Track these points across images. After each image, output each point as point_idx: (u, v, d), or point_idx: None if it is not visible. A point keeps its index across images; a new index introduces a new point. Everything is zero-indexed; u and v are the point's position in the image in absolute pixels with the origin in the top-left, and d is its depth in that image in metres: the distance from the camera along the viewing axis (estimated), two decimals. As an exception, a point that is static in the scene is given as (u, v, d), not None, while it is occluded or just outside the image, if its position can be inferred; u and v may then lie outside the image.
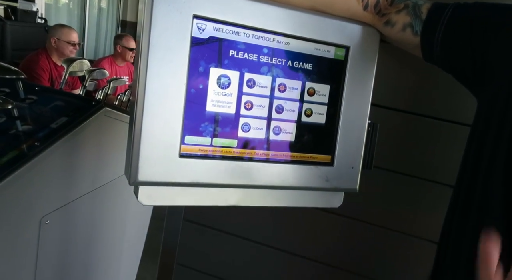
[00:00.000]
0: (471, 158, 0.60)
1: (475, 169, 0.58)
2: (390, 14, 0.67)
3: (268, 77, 0.66)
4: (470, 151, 0.60)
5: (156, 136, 0.59)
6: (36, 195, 0.97)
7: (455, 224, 0.62)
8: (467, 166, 0.60)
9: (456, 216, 0.62)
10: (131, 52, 2.95)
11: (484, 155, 0.57)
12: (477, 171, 0.58)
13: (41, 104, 1.09)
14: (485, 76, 0.58)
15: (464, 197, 0.60)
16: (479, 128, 0.59)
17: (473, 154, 0.59)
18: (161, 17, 0.57)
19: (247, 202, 0.70)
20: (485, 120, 0.58)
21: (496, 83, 0.56)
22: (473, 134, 0.61)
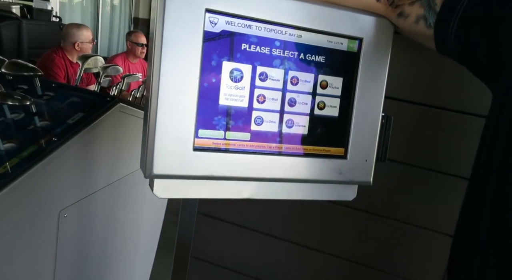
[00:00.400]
0: (486, 150, 0.59)
1: (489, 161, 0.58)
2: (404, 5, 0.66)
3: (280, 70, 0.66)
4: (485, 143, 0.59)
5: (170, 130, 0.59)
6: (54, 189, 0.99)
7: (470, 217, 0.61)
8: (482, 158, 0.60)
9: (471, 209, 0.61)
10: (141, 48, 3.00)
11: (498, 147, 0.56)
12: (491, 163, 0.57)
13: (58, 100, 1.12)
14: (499, 68, 0.57)
15: (478, 190, 0.60)
16: (493, 120, 0.58)
17: (488, 146, 0.58)
18: (173, 12, 0.57)
19: (260, 195, 0.71)
20: (499, 112, 0.57)
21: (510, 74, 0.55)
22: (487, 125, 0.60)
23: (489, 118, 0.61)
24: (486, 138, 0.60)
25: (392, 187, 0.90)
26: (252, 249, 1.03)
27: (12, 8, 3.62)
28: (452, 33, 0.61)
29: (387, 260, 0.94)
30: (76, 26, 2.69)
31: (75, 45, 2.59)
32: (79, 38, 2.60)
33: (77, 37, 2.60)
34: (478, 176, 0.61)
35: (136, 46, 3.01)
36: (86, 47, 2.65)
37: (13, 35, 3.40)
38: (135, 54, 3.05)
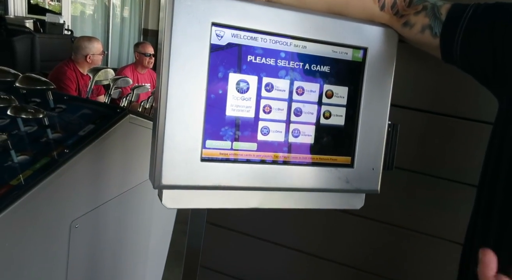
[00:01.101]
0: (493, 158, 0.59)
1: (496, 170, 0.57)
2: (409, 15, 0.67)
3: (286, 80, 0.67)
4: (492, 151, 0.59)
5: (178, 141, 0.61)
6: (66, 200, 1.01)
7: (479, 226, 0.61)
8: (489, 166, 0.59)
9: (479, 218, 0.61)
10: (148, 58, 3.07)
11: (505, 156, 0.56)
12: (498, 171, 0.57)
13: (70, 112, 1.14)
14: (505, 77, 0.57)
15: (487, 198, 0.59)
16: (499, 128, 0.58)
17: (495, 154, 0.58)
18: (181, 26, 0.59)
19: (268, 204, 0.71)
20: (505, 120, 0.57)
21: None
22: (494, 133, 0.60)
23: (495, 126, 0.61)
24: (493, 145, 0.60)
25: (399, 195, 0.89)
26: (260, 258, 1.03)
27: (25, 22, 3.72)
28: (458, 42, 0.61)
29: (396, 268, 0.93)
30: (87, 39, 2.76)
31: (86, 58, 2.66)
32: (90, 50, 2.67)
33: (89, 50, 2.67)
34: (486, 185, 0.61)
35: (144, 56, 3.08)
36: (97, 59, 2.72)
37: (27, 48, 3.49)
38: (143, 65, 3.11)
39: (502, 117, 0.59)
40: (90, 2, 5.60)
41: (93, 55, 2.66)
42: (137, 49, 3.14)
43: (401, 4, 0.67)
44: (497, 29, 0.57)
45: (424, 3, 0.66)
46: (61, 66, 2.67)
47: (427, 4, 0.65)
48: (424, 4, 0.66)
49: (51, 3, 5.42)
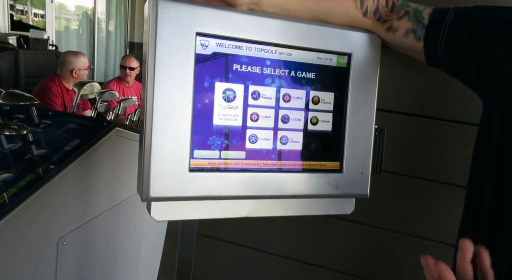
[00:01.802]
0: (480, 159, 0.59)
1: (483, 170, 0.58)
2: (392, 20, 0.68)
3: (272, 88, 0.68)
4: (478, 152, 0.60)
5: (165, 152, 0.60)
6: (52, 217, 0.99)
7: (469, 226, 0.61)
8: (476, 167, 0.60)
9: (470, 218, 0.61)
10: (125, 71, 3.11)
11: (490, 156, 0.56)
12: (485, 171, 0.57)
13: (55, 127, 1.13)
14: (488, 78, 0.58)
15: (476, 198, 0.60)
16: (484, 128, 0.59)
17: (481, 155, 0.59)
18: (165, 36, 0.59)
19: (258, 212, 0.71)
20: (489, 121, 0.58)
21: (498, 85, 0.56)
22: (480, 134, 0.60)
23: (480, 127, 0.62)
24: (479, 146, 0.61)
25: (389, 198, 0.90)
26: (253, 268, 1.02)
27: (9, 39, 3.68)
28: (442, 44, 0.62)
29: (389, 272, 0.93)
30: (73, 54, 2.75)
31: (72, 72, 2.64)
32: (76, 65, 2.66)
33: (75, 64, 2.66)
34: (474, 185, 0.61)
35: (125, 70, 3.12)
36: (83, 74, 2.71)
37: (10, 65, 3.45)
38: (127, 79, 3.14)
39: (486, 118, 0.60)
40: (75, 17, 5.58)
41: (79, 70, 2.65)
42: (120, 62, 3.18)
43: (383, 10, 0.68)
44: (478, 31, 0.58)
45: (406, 8, 0.67)
46: (46, 82, 2.64)
47: (409, 9, 0.67)
48: (406, 9, 0.67)
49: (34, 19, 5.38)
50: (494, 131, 0.56)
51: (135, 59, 3.19)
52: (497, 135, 0.55)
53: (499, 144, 0.55)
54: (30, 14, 5.28)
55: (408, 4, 0.68)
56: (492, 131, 0.57)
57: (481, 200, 0.59)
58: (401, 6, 0.68)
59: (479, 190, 0.60)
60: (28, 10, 5.24)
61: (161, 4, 0.58)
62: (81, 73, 2.68)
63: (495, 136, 0.56)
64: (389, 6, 0.68)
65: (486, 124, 0.60)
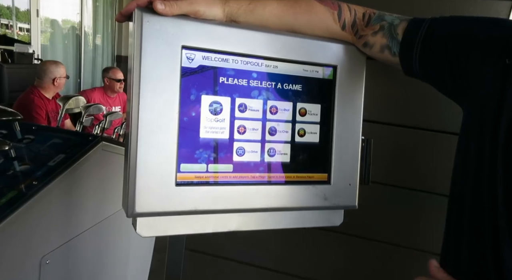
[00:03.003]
0: (460, 168, 0.60)
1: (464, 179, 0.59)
2: (367, 36, 0.69)
3: (259, 100, 0.68)
4: (459, 161, 0.61)
5: (151, 166, 0.59)
6: (35, 235, 0.96)
7: (451, 235, 0.61)
8: (457, 176, 0.61)
9: (451, 227, 0.61)
10: (119, 83, 3.12)
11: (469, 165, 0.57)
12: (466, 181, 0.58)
13: (39, 143, 1.10)
14: (464, 88, 0.59)
15: (457, 206, 0.60)
16: (464, 137, 0.60)
17: (461, 164, 0.60)
18: (150, 50, 0.58)
19: (247, 226, 0.70)
20: (467, 131, 0.59)
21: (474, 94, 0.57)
22: (460, 143, 0.61)
23: (460, 136, 0.62)
24: (460, 155, 0.61)
25: (377, 209, 0.90)
26: (244, 283, 1.00)
27: (-8, 53, 3.63)
28: (416, 59, 0.63)
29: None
30: (53, 63, 2.75)
31: (54, 81, 2.63)
32: (58, 73, 2.64)
33: (56, 73, 2.64)
34: (455, 193, 0.62)
35: (114, 82, 3.10)
36: (62, 83, 2.70)
37: (-6, 79, 3.39)
38: (113, 89, 3.14)
39: (465, 127, 0.60)
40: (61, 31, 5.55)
41: (59, 78, 2.64)
42: (107, 75, 3.16)
43: (360, 23, 0.69)
44: (450, 43, 0.59)
45: (381, 23, 0.68)
46: (26, 95, 2.59)
47: (384, 24, 0.67)
48: (381, 23, 0.68)
49: (20, 33, 5.33)
50: (471, 139, 0.57)
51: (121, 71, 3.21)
52: (475, 143, 0.56)
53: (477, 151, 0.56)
54: (15, 28, 5.23)
55: (384, 17, 0.68)
56: (470, 139, 0.58)
57: (461, 208, 0.59)
58: (376, 19, 0.68)
59: (459, 198, 0.60)
60: (13, 24, 5.20)
61: (146, 18, 0.58)
62: (61, 81, 2.67)
63: (473, 145, 0.57)
64: (365, 20, 0.69)
65: (465, 132, 0.60)
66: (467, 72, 0.57)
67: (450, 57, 0.59)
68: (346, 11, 0.69)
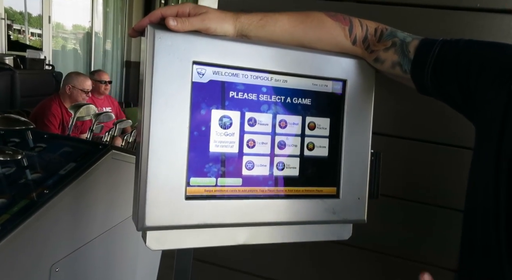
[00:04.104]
0: (474, 184, 0.60)
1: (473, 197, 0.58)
2: (379, 51, 0.69)
3: (268, 114, 0.68)
4: (473, 176, 0.60)
5: (161, 180, 0.60)
6: (45, 243, 0.97)
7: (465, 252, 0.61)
8: (470, 191, 0.60)
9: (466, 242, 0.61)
10: (104, 85, 3.19)
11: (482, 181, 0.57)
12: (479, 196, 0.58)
13: (50, 151, 1.12)
14: (473, 109, 0.59)
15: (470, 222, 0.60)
16: (474, 154, 0.60)
17: (474, 180, 0.59)
18: (162, 65, 0.59)
19: (255, 240, 0.70)
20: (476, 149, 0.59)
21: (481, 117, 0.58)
22: (473, 159, 0.61)
23: (474, 151, 0.62)
24: (473, 170, 0.61)
25: (387, 223, 0.89)
26: (251, 294, 1.00)
27: (5, 59, 3.70)
28: (428, 78, 0.63)
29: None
30: (75, 73, 2.76)
31: (66, 88, 2.62)
32: (72, 82, 2.63)
33: (71, 81, 2.63)
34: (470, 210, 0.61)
35: (99, 83, 3.16)
36: (76, 93, 2.65)
37: (7, 85, 3.45)
38: (99, 91, 3.20)
39: (476, 144, 0.60)
40: (72, 36, 5.63)
41: (73, 87, 2.61)
42: (92, 77, 3.23)
43: (371, 39, 0.69)
44: (461, 67, 0.60)
45: (393, 39, 0.68)
46: (47, 101, 2.61)
47: (396, 40, 0.67)
48: (393, 40, 0.68)
49: (31, 38, 5.43)
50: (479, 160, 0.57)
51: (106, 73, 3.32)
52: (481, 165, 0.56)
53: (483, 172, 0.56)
54: (28, 33, 5.33)
55: (396, 33, 0.68)
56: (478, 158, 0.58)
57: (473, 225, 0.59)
58: (389, 35, 0.68)
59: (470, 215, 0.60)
60: (25, 29, 5.29)
61: (158, 34, 0.59)
62: (74, 91, 2.63)
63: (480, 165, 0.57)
64: (377, 35, 0.69)
65: (475, 150, 0.60)
66: (475, 95, 0.58)
67: (461, 80, 0.59)
68: (358, 27, 0.69)
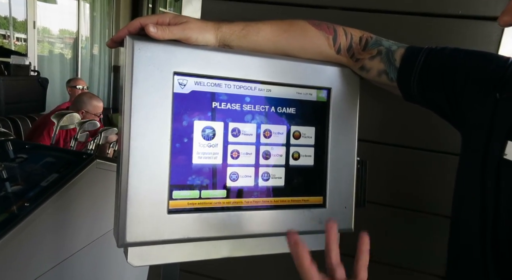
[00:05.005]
0: (459, 194, 0.60)
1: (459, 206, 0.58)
2: (364, 60, 0.68)
3: (252, 124, 0.67)
4: (458, 186, 0.60)
5: (143, 194, 0.58)
6: (27, 257, 0.94)
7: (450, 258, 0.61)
8: (456, 201, 0.60)
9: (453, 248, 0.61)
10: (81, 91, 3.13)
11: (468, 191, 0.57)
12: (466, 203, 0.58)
13: (31, 162, 1.09)
14: (461, 118, 0.59)
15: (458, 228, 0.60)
16: (460, 162, 0.60)
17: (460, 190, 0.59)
18: (142, 77, 0.58)
19: (241, 252, 0.69)
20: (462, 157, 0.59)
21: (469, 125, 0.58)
22: (459, 167, 0.61)
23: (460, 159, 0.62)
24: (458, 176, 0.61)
25: (375, 230, 0.88)
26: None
27: (-12, 65, 3.62)
28: (414, 87, 0.63)
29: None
30: (88, 95, 2.60)
31: (79, 113, 2.38)
32: (85, 106, 2.45)
33: (84, 106, 2.44)
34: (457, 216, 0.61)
35: (75, 89, 3.13)
36: (89, 118, 2.40)
37: (-10, 91, 3.38)
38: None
39: (462, 151, 0.60)
40: (58, 41, 5.55)
41: (86, 112, 2.44)
42: (69, 84, 3.21)
43: (356, 48, 0.69)
44: (447, 75, 0.60)
45: (379, 48, 0.67)
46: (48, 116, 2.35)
47: (382, 49, 0.67)
48: (379, 48, 0.67)
49: (17, 43, 5.33)
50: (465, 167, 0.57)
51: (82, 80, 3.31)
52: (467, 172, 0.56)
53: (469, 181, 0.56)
54: (13, 38, 5.23)
55: (381, 42, 0.68)
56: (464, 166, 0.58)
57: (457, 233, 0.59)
58: (374, 44, 0.68)
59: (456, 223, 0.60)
60: (10, 34, 5.20)
61: (138, 46, 0.57)
62: (88, 116, 2.42)
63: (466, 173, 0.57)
64: (362, 44, 0.69)
65: (461, 157, 0.60)
66: (462, 103, 0.58)
67: (447, 88, 0.59)
68: (342, 36, 0.69)
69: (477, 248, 0.54)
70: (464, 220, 0.58)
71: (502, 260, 0.51)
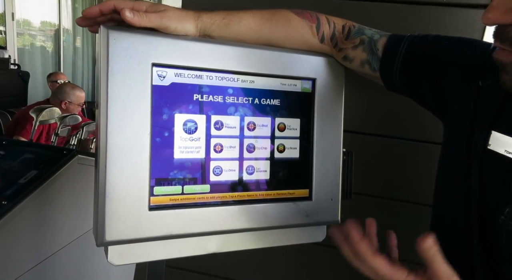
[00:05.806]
0: (442, 186, 0.59)
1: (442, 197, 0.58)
2: (347, 49, 0.67)
3: (236, 117, 0.65)
4: (441, 176, 0.60)
5: (122, 191, 0.56)
6: (7, 257, 0.91)
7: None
8: (438, 193, 0.60)
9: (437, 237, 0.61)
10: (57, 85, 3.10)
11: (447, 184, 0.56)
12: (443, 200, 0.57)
13: (9, 159, 1.05)
14: (444, 107, 0.59)
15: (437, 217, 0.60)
16: (443, 151, 0.59)
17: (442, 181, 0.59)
18: (117, 69, 0.55)
19: (228, 247, 0.67)
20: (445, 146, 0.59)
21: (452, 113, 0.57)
22: (440, 156, 0.61)
23: (441, 149, 0.62)
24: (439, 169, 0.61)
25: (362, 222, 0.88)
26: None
27: (-34, 59, 3.50)
28: (397, 76, 0.62)
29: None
30: (70, 85, 2.57)
31: (62, 104, 2.40)
32: (68, 97, 2.42)
33: (67, 96, 2.42)
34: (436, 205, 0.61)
35: (56, 84, 3.07)
36: (73, 108, 2.43)
37: (-32, 86, 3.27)
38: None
39: (444, 142, 0.60)
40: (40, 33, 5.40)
41: (69, 103, 2.42)
42: (50, 79, 3.15)
43: (339, 36, 0.68)
44: (429, 64, 0.59)
45: (361, 37, 0.66)
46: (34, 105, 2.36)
47: (364, 38, 0.66)
48: (361, 37, 0.66)
49: (-3, 36, 5.16)
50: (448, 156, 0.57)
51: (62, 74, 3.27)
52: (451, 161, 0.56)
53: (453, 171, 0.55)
54: (-9, 31, 5.07)
55: (364, 31, 0.67)
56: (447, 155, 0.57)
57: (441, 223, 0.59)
58: (356, 33, 0.67)
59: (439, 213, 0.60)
60: (-12, 27, 5.03)
61: (113, 35, 0.55)
62: (71, 106, 2.42)
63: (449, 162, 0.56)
64: (345, 32, 0.67)
65: (443, 147, 0.60)
66: (445, 92, 0.57)
67: (429, 77, 0.58)
68: (325, 24, 0.67)
69: (462, 237, 0.53)
70: (447, 210, 0.57)
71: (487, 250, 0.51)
